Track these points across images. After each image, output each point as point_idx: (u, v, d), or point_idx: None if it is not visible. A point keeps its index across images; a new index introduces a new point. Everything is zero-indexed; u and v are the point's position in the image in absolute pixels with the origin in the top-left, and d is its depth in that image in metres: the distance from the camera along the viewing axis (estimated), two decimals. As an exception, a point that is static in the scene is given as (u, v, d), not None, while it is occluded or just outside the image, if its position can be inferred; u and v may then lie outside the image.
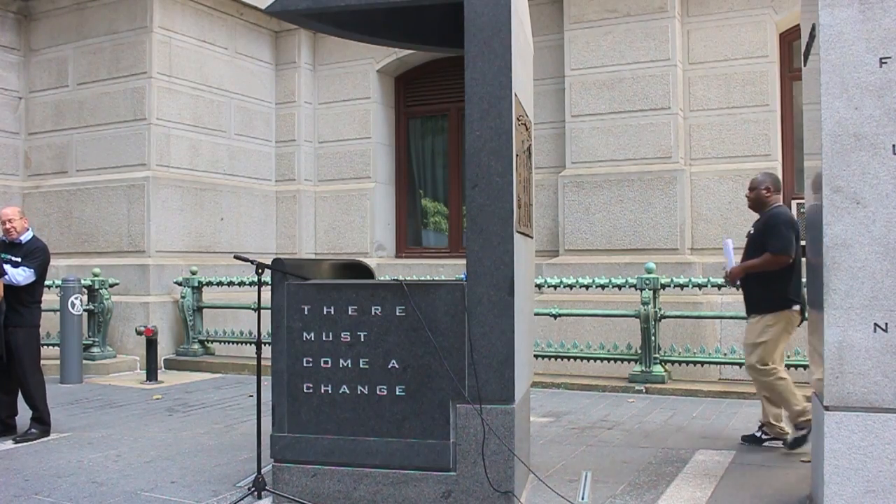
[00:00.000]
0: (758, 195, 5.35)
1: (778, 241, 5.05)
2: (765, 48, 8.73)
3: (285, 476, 4.03)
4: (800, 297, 5.19)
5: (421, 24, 4.90)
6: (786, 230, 5.08)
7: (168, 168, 9.80)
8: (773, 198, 5.33)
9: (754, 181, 5.41)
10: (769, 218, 5.22)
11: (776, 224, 5.13)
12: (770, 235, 5.11)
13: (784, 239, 5.05)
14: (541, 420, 6.23)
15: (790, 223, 5.15)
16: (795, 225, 5.19)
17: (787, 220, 5.16)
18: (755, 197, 5.37)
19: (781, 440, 5.28)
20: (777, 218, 5.17)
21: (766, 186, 5.32)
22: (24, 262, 5.71)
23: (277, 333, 4.07)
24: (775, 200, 5.34)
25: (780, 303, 5.14)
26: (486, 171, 3.82)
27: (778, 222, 5.13)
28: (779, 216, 5.19)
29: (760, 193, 5.33)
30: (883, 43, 3.38)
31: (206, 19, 10.31)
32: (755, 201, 5.39)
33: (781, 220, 5.14)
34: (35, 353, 5.88)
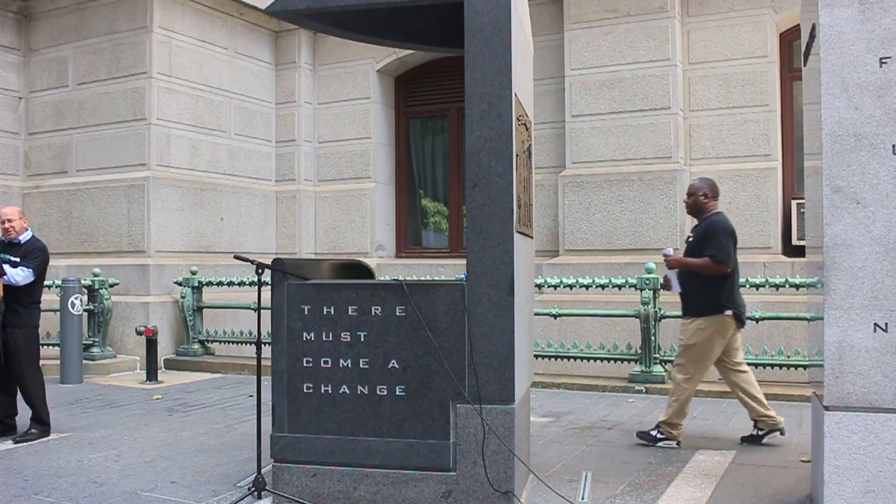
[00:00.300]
0: (696, 201, 5.40)
1: (719, 251, 5.13)
2: (765, 48, 8.73)
3: (285, 476, 4.03)
4: (734, 304, 5.28)
5: (421, 24, 4.90)
6: (725, 240, 5.17)
7: (168, 168, 9.80)
8: (711, 203, 5.39)
9: (692, 187, 5.47)
10: (709, 225, 5.27)
11: (716, 233, 5.19)
12: (710, 243, 5.17)
13: (724, 249, 5.14)
14: (541, 420, 6.23)
15: (729, 232, 5.23)
16: (734, 233, 5.28)
17: (725, 229, 5.23)
18: (693, 203, 5.42)
19: (778, 430, 5.37)
20: (717, 226, 5.23)
21: (704, 192, 5.38)
22: (23, 262, 5.70)
23: (277, 333, 4.07)
24: (713, 206, 5.40)
25: (713, 307, 5.21)
26: (486, 171, 3.82)
27: (717, 231, 5.19)
28: (718, 224, 5.25)
29: (698, 199, 5.39)
30: (883, 43, 3.38)
31: (206, 19, 10.31)
32: (693, 207, 5.44)
33: (721, 229, 5.21)
34: (34, 353, 5.87)
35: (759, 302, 7.88)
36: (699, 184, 5.43)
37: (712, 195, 5.39)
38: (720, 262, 5.12)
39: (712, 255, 5.13)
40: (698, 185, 5.43)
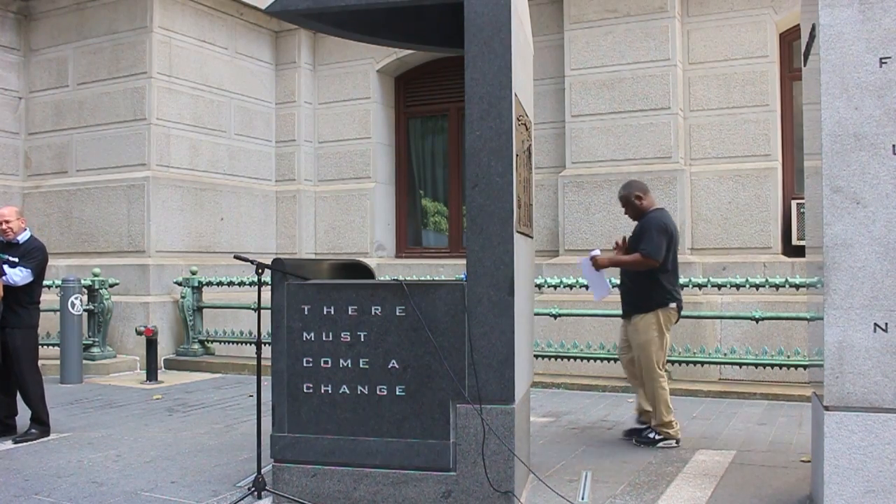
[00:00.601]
0: (632, 207, 5.46)
1: (649, 245, 5.19)
2: (765, 48, 8.73)
3: (285, 476, 4.03)
4: (676, 296, 5.40)
5: (421, 24, 4.90)
6: (658, 235, 5.22)
7: (168, 168, 9.80)
8: (646, 202, 5.44)
9: (623, 197, 5.50)
10: (644, 222, 5.34)
11: (649, 228, 5.25)
12: (642, 238, 5.24)
13: (654, 243, 5.20)
14: (541, 420, 6.23)
15: (663, 228, 5.28)
16: (669, 229, 5.32)
17: (659, 225, 5.28)
18: (632, 210, 5.48)
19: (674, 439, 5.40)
20: (651, 222, 5.29)
21: (636, 194, 5.42)
22: (22, 262, 5.69)
23: (277, 333, 4.07)
24: (650, 204, 5.45)
25: (660, 300, 5.30)
26: (486, 171, 3.82)
27: (651, 227, 5.25)
28: (652, 221, 5.30)
29: (633, 203, 5.44)
30: (883, 43, 3.38)
31: (206, 19, 10.32)
32: (635, 212, 5.47)
33: (654, 225, 5.26)
34: (32, 354, 5.85)
35: (759, 302, 7.89)
36: (626, 190, 5.48)
37: (643, 193, 5.45)
38: (649, 256, 5.19)
39: (642, 250, 5.21)
40: (626, 191, 5.48)
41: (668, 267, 5.31)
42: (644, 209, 5.42)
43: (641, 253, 5.21)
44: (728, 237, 8.78)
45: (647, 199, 5.44)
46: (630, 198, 5.42)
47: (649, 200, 5.45)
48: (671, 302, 5.34)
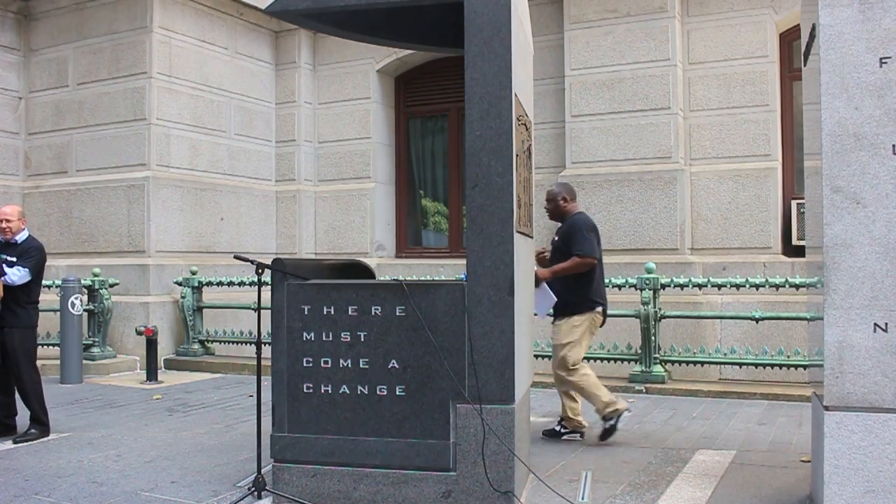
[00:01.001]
0: (556, 206, 5.53)
1: (582, 245, 5.27)
2: (765, 48, 8.73)
3: (285, 476, 4.03)
4: (602, 299, 5.47)
5: (421, 24, 4.90)
6: (587, 233, 5.32)
7: (168, 168, 9.80)
8: (571, 206, 5.54)
9: (550, 192, 5.58)
10: (570, 225, 5.41)
11: (578, 229, 5.33)
12: (574, 240, 5.30)
13: (587, 242, 5.29)
14: (541, 420, 6.22)
15: (591, 226, 5.40)
16: (596, 229, 5.44)
17: (587, 225, 5.39)
18: (553, 208, 5.55)
19: (580, 433, 5.53)
20: (578, 223, 5.38)
21: (563, 196, 5.52)
22: (20, 261, 5.69)
23: (277, 333, 4.07)
24: (573, 208, 5.55)
25: (586, 305, 5.36)
26: (486, 171, 3.82)
27: (579, 227, 5.34)
28: (578, 222, 5.39)
29: (558, 204, 5.52)
30: (883, 43, 3.38)
31: (206, 19, 10.31)
32: (554, 212, 5.56)
33: (582, 225, 5.36)
34: (31, 353, 5.85)
35: (759, 302, 7.89)
36: (557, 189, 5.57)
37: (571, 198, 5.56)
38: (586, 255, 5.28)
39: (577, 252, 5.28)
40: (556, 190, 5.57)
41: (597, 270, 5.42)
42: (567, 211, 5.51)
43: (577, 255, 5.28)
44: (728, 237, 8.78)
45: (572, 205, 5.55)
46: (558, 197, 5.51)
47: (574, 206, 5.55)
48: (597, 307, 5.43)
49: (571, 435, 5.54)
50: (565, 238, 5.40)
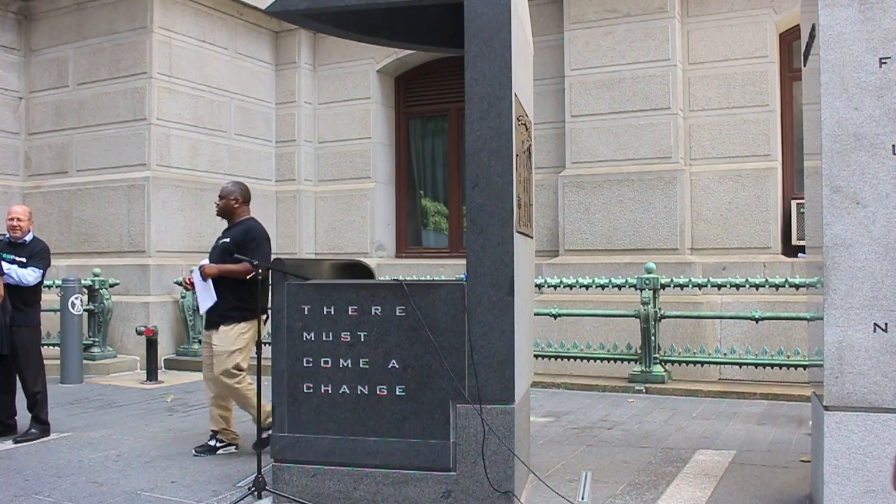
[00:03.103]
0: (227, 204, 5.38)
1: (261, 257, 5.09)
2: (765, 48, 8.73)
3: (285, 476, 4.03)
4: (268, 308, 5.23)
5: (421, 24, 4.90)
6: (266, 246, 5.26)
7: (168, 168, 9.80)
8: (242, 209, 5.42)
9: (225, 190, 5.43)
10: (248, 231, 5.26)
11: (256, 238, 5.23)
12: (251, 248, 5.14)
13: (266, 255, 5.18)
14: (541, 420, 6.23)
15: (268, 238, 5.34)
16: (270, 240, 5.38)
17: (265, 236, 5.33)
18: (224, 206, 5.39)
19: (235, 445, 5.37)
20: (256, 232, 5.27)
21: (235, 197, 5.37)
22: (31, 262, 5.78)
23: (277, 333, 4.07)
24: (244, 212, 5.43)
25: (253, 311, 5.19)
26: (486, 171, 3.82)
27: (257, 236, 5.24)
28: (257, 230, 5.29)
29: (230, 203, 5.37)
30: (883, 43, 3.38)
31: (206, 19, 10.32)
32: (224, 210, 5.41)
33: (261, 235, 5.27)
34: (39, 351, 5.95)
35: (759, 302, 7.89)
36: (231, 187, 5.42)
37: (243, 200, 5.40)
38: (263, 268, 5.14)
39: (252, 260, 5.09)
40: (231, 188, 5.41)
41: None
42: (236, 213, 5.37)
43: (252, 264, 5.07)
44: (728, 237, 8.78)
45: (243, 208, 5.40)
46: (230, 197, 5.35)
47: (244, 209, 5.41)
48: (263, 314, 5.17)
49: (227, 448, 5.33)
50: (239, 242, 5.19)
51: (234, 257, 5.03)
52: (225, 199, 5.39)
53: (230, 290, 5.17)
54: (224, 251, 5.23)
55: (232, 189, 5.41)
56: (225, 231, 5.44)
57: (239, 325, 5.20)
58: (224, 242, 5.29)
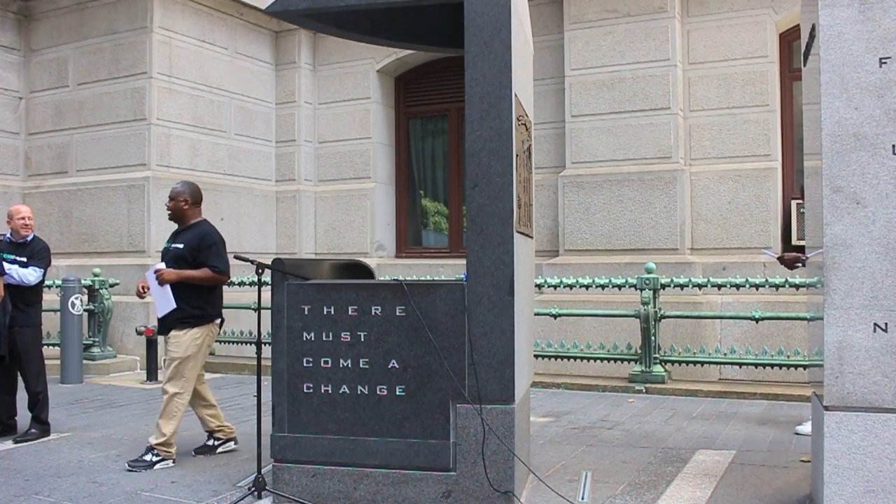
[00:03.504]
0: (176, 206, 5.16)
1: (219, 261, 5.05)
2: (765, 48, 8.73)
3: (285, 476, 4.03)
4: (221, 311, 5.27)
5: (421, 24, 4.90)
6: (223, 250, 5.13)
7: (168, 168, 9.80)
8: (193, 210, 5.20)
9: (174, 191, 5.20)
10: (205, 236, 5.10)
11: (214, 243, 5.08)
12: (210, 254, 5.04)
13: (224, 260, 5.10)
14: (541, 420, 6.23)
15: (224, 242, 5.20)
16: (224, 242, 5.22)
17: (221, 239, 5.18)
18: (174, 207, 5.18)
19: (233, 440, 5.34)
20: (213, 237, 5.11)
21: (185, 198, 5.15)
22: (32, 262, 5.79)
23: (277, 333, 4.07)
24: (195, 213, 5.22)
25: (207, 316, 5.11)
26: (486, 171, 3.82)
27: (215, 241, 5.10)
28: (213, 234, 5.14)
29: (179, 205, 5.15)
30: (883, 43, 3.38)
31: (206, 19, 10.32)
32: (174, 212, 5.20)
33: (218, 239, 5.13)
34: (41, 351, 5.96)
35: (759, 302, 7.89)
36: (181, 188, 5.20)
37: (193, 202, 5.20)
38: (222, 272, 5.07)
39: (213, 267, 5.03)
40: (180, 189, 5.19)
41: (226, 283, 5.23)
42: (187, 215, 5.18)
43: (214, 270, 5.03)
44: (728, 237, 8.78)
45: (193, 210, 5.20)
46: (180, 198, 5.15)
47: (197, 211, 5.23)
48: (217, 318, 5.21)
49: (226, 445, 5.29)
50: (195, 248, 5.04)
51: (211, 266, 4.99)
52: (174, 201, 5.17)
53: (186, 295, 5.00)
54: (179, 258, 5.05)
55: (181, 189, 5.19)
56: (175, 234, 5.22)
57: (192, 331, 5.02)
58: (178, 248, 5.09)
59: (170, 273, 4.96)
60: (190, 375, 5.03)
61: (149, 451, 4.93)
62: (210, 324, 5.13)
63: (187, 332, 5.01)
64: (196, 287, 5.03)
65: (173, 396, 4.96)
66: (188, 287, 5.00)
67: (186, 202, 5.16)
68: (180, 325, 5.01)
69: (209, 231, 5.15)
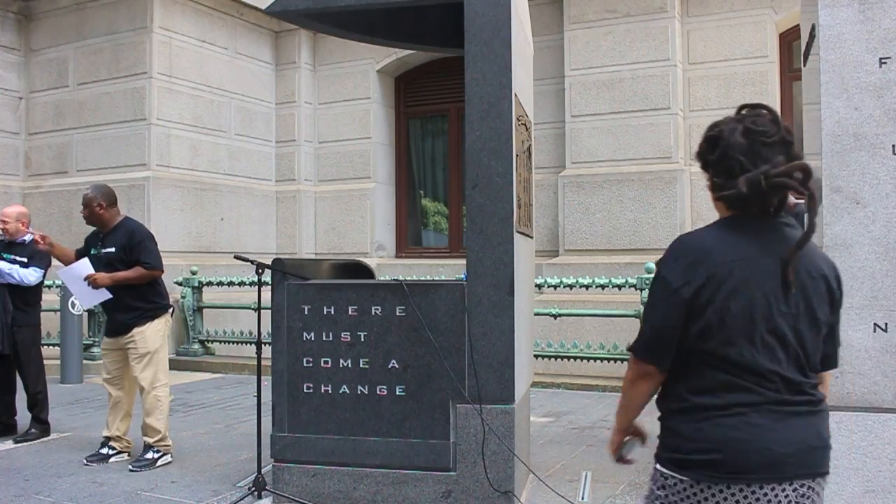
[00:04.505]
0: (91, 213, 5.05)
1: (150, 257, 5.01)
2: (765, 48, 8.73)
3: (285, 476, 4.03)
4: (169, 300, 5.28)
5: (421, 24, 4.91)
6: (153, 245, 5.08)
7: (168, 168, 9.80)
8: (111, 212, 5.10)
9: (85, 198, 5.07)
10: (131, 234, 5.03)
11: (141, 240, 5.01)
12: (140, 251, 4.98)
13: (154, 254, 5.05)
14: (541, 420, 6.23)
15: (152, 236, 5.16)
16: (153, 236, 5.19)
17: (150, 234, 5.14)
18: (89, 215, 5.08)
19: (128, 452, 5.15)
20: (139, 233, 5.07)
21: (99, 202, 5.03)
22: (33, 262, 5.75)
23: (277, 333, 4.07)
24: (114, 214, 5.13)
25: (161, 307, 5.13)
26: (486, 171, 3.82)
27: (142, 237, 5.04)
28: (140, 231, 5.10)
29: (94, 210, 5.04)
30: (883, 43, 3.38)
31: (206, 19, 10.32)
32: (90, 218, 5.10)
33: (145, 235, 5.09)
34: (40, 351, 5.95)
35: (759, 302, 7.88)
36: (91, 193, 5.06)
37: (108, 203, 5.07)
38: (154, 268, 5.03)
39: (145, 264, 4.97)
40: (90, 195, 5.05)
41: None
42: (107, 217, 5.07)
43: (145, 267, 4.96)
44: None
45: (112, 210, 5.09)
46: (93, 203, 5.01)
47: (115, 211, 5.12)
48: (170, 307, 5.23)
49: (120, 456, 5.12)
50: (126, 247, 4.98)
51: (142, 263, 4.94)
52: (88, 208, 5.04)
53: (131, 293, 4.99)
54: (114, 261, 4.98)
55: (92, 195, 5.04)
56: (102, 238, 5.10)
57: (153, 324, 5.03)
58: (109, 253, 5.01)
59: (103, 278, 4.91)
60: (162, 366, 5.07)
61: (148, 449, 4.96)
62: (165, 314, 5.15)
63: (149, 325, 5.01)
64: (138, 286, 5.00)
65: (153, 391, 4.99)
66: (132, 286, 4.97)
67: (101, 206, 5.04)
68: (140, 321, 5.00)
69: (135, 228, 5.10)
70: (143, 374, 4.99)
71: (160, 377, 5.05)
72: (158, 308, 5.10)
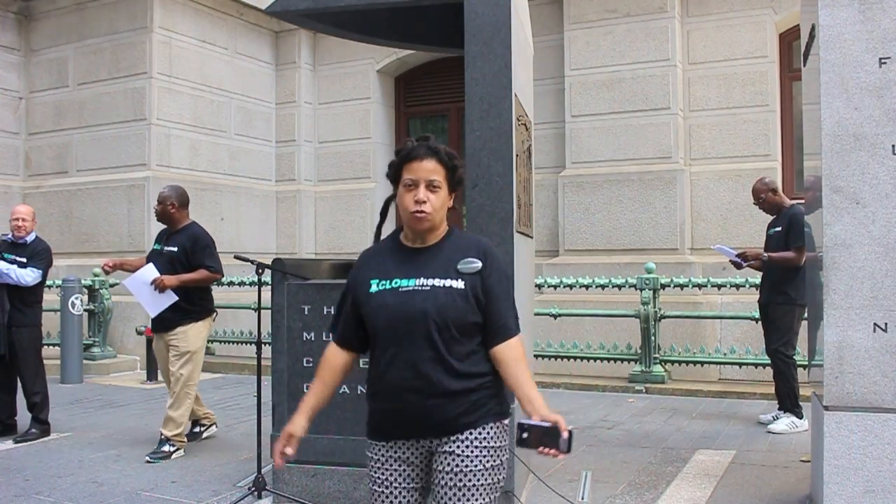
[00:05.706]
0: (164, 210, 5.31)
1: (214, 262, 5.24)
2: (765, 48, 8.73)
3: (285, 476, 4.03)
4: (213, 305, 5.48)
5: (421, 24, 4.91)
6: (215, 250, 5.30)
7: (168, 168, 9.80)
8: (181, 213, 5.39)
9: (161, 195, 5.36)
10: (196, 239, 5.27)
11: (207, 245, 5.28)
12: (203, 255, 5.24)
13: (217, 260, 5.29)
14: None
15: (214, 243, 5.36)
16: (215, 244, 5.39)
17: (212, 241, 5.37)
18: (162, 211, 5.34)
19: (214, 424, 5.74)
20: (205, 239, 5.31)
21: (172, 202, 5.30)
22: (31, 262, 5.77)
23: (277, 333, 4.07)
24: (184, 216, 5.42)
25: (207, 310, 5.36)
26: (486, 171, 3.82)
27: (208, 243, 5.29)
28: (205, 237, 5.33)
29: (167, 208, 5.30)
30: (882, 43, 3.38)
31: (206, 19, 10.32)
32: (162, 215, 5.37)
33: (210, 241, 5.32)
34: (39, 352, 5.95)
35: (759, 302, 7.87)
36: (168, 192, 5.35)
37: (180, 204, 5.34)
38: (217, 271, 5.28)
39: (209, 267, 5.23)
40: (167, 193, 5.35)
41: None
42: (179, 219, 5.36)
43: (210, 270, 5.23)
44: (728, 237, 8.76)
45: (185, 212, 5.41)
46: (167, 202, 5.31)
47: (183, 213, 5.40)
48: (214, 311, 5.46)
49: (210, 430, 5.64)
50: (189, 250, 5.23)
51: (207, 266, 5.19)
52: (162, 205, 5.35)
53: (187, 293, 5.24)
54: (174, 261, 5.23)
55: (168, 194, 5.35)
56: (167, 237, 5.38)
57: (196, 325, 5.29)
58: (172, 251, 5.26)
59: (171, 279, 5.15)
60: (198, 367, 5.32)
61: (166, 441, 5.14)
62: (209, 317, 5.40)
63: (192, 325, 5.27)
64: (189, 287, 5.25)
65: (185, 387, 5.21)
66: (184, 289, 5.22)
67: (174, 206, 5.34)
68: (185, 320, 5.25)
69: (201, 234, 5.35)
70: (180, 371, 5.21)
71: (194, 376, 5.28)
72: (203, 311, 5.34)
